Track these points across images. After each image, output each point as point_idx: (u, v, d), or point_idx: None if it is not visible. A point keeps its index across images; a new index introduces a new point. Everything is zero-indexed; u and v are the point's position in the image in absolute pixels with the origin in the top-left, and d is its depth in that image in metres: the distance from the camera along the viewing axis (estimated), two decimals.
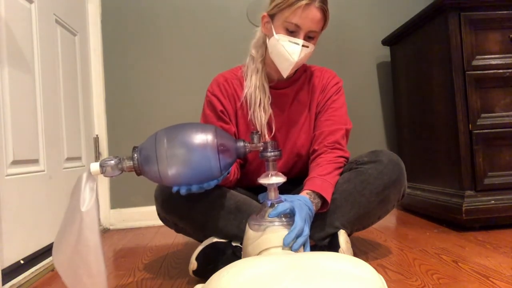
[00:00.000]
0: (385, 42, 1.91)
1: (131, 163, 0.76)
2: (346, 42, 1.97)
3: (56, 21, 1.49)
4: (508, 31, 1.38)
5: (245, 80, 1.11)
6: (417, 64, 1.68)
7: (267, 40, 1.06)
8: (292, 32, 1.00)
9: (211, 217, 1.01)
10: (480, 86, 1.37)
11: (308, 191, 0.97)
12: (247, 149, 0.81)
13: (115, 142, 1.87)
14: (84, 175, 0.75)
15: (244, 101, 1.10)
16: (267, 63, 1.11)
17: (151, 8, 1.91)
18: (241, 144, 0.81)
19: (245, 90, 1.10)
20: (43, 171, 1.30)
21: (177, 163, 0.75)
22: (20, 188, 1.14)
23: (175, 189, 0.89)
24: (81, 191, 0.74)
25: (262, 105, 1.09)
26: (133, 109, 1.88)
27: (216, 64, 1.92)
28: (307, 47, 1.02)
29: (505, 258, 1.04)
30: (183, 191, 0.85)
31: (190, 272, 0.97)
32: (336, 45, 1.96)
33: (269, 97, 1.10)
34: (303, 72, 1.17)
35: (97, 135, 1.84)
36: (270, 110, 1.10)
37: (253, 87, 1.09)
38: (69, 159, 1.52)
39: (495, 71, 1.37)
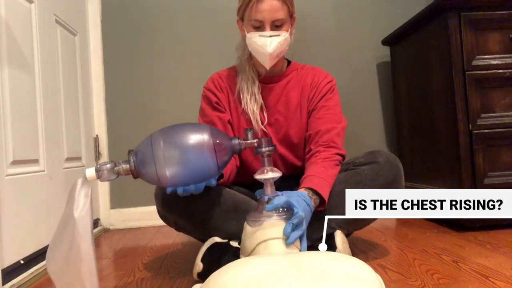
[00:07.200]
0: (385, 42, 1.91)
1: (127, 166, 0.75)
2: (346, 42, 1.96)
3: (56, 21, 1.49)
4: (508, 31, 1.38)
5: (237, 77, 1.18)
6: (417, 64, 1.68)
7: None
8: (258, 27, 1.07)
9: (210, 215, 1.01)
10: (480, 86, 1.37)
11: (305, 188, 0.96)
12: (242, 146, 0.82)
13: (115, 142, 1.87)
14: (79, 181, 0.74)
15: (236, 95, 1.16)
16: (253, 60, 1.17)
17: (151, 8, 1.91)
18: (236, 141, 0.82)
19: (237, 85, 1.16)
20: (43, 171, 1.30)
21: (174, 163, 0.75)
22: (20, 188, 1.14)
23: (169, 190, 0.90)
24: (75, 196, 0.72)
25: (253, 96, 1.15)
26: (133, 109, 1.88)
27: (216, 64, 1.90)
28: (278, 35, 1.06)
29: (505, 258, 1.04)
30: (180, 191, 0.86)
31: (195, 275, 0.94)
32: (336, 45, 1.95)
33: (258, 87, 1.16)
34: (294, 70, 1.20)
35: (97, 135, 1.84)
36: (261, 100, 1.15)
37: (243, 81, 1.16)
38: (69, 159, 1.52)
39: (495, 71, 1.37)
